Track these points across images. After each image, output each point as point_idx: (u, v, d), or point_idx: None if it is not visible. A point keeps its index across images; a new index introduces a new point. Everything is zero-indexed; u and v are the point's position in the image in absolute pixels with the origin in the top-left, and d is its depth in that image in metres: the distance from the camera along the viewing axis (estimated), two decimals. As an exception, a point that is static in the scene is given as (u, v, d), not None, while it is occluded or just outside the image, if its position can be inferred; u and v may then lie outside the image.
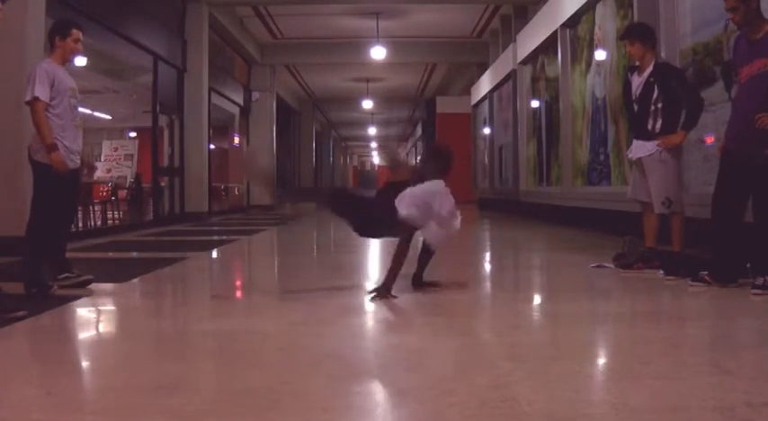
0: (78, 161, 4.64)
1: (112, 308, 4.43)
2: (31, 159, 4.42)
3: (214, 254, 7.61)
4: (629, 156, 5.28)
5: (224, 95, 16.28)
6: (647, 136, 5.01)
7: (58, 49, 4.53)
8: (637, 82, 5.11)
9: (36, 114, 4.32)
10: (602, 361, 2.99)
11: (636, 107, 5.12)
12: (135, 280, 5.19)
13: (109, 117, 19.06)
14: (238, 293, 5.20)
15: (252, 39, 17.52)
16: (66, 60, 4.61)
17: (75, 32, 4.55)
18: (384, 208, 4.19)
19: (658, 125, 4.97)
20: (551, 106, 11.39)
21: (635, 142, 5.19)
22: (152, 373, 2.66)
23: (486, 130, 17.57)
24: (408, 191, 4.20)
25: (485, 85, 17.17)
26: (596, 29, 9.02)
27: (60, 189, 4.43)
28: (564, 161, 10.30)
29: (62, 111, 4.42)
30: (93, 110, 17.56)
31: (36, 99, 4.30)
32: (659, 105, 4.96)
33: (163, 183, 12.67)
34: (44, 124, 4.31)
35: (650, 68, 5.01)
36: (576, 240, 8.31)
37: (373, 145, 53.19)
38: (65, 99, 4.44)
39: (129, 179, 13.41)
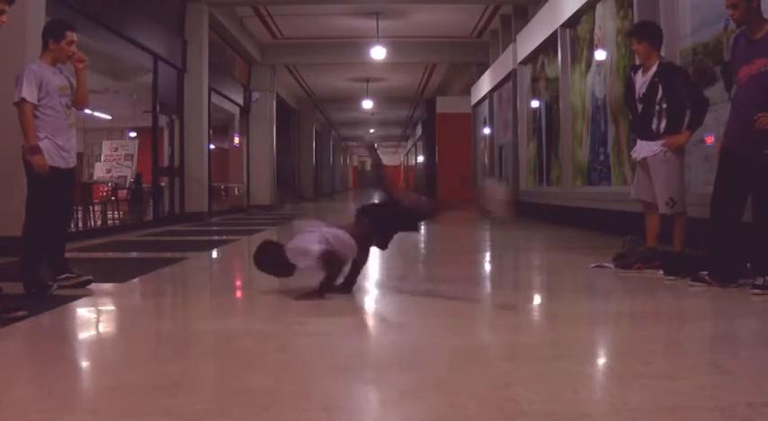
0: (73, 160, 4.63)
1: (112, 308, 4.43)
2: (25, 159, 4.42)
3: (214, 254, 7.61)
4: (633, 156, 5.28)
5: (224, 95, 16.27)
6: (652, 136, 5.01)
7: (51, 52, 4.51)
8: (640, 81, 5.10)
9: (22, 115, 4.31)
10: (602, 361, 2.99)
11: (640, 107, 5.11)
12: (135, 280, 5.19)
13: (109, 117, 19.06)
14: (238, 293, 5.20)
15: (252, 39, 17.52)
16: (59, 62, 4.58)
17: (70, 35, 4.53)
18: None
19: (663, 125, 4.97)
20: (551, 106, 11.38)
21: (639, 142, 5.19)
22: (152, 373, 2.66)
23: (486, 130, 17.57)
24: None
25: (485, 85, 17.17)
26: (596, 29, 9.02)
27: (54, 188, 4.43)
28: (564, 161, 10.30)
29: (53, 110, 4.41)
30: (93, 110, 17.56)
31: (23, 100, 4.29)
32: (664, 105, 4.96)
33: (163, 183, 12.67)
34: (29, 126, 4.30)
35: (655, 68, 5.01)
36: (576, 240, 8.30)
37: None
38: (54, 98, 4.42)
39: (130, 179, 13.40)
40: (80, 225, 9.46)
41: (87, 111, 17.00)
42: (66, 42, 4.51)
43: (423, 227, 4.52)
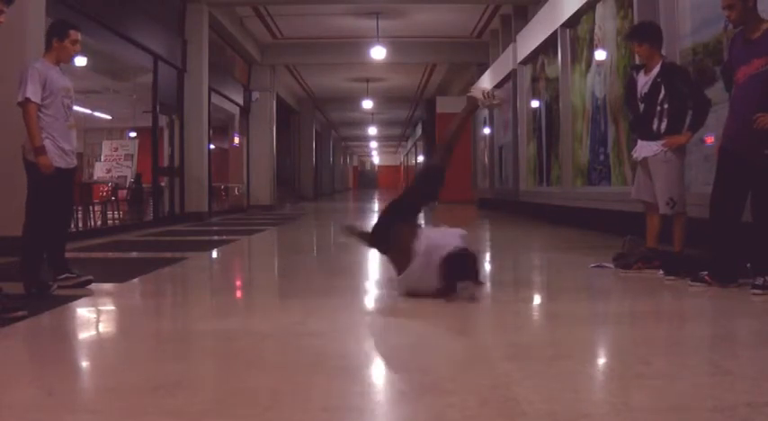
0: (73, 161, 4.63)
1: (112, 308, 4.43)
2: (25, 159, 4.42)
3: (214, 254, 7.61)
4: (634, 156, 5.28)
5: (224, 95, 16.26)
6: (652, 136, 5.01)
7: (55, 51, 4.51)
8: (642, 81, 5.10)
9: (27, 116, 4.31)
10: (602, 361, 2.99)
11: (641, 106, 5.11)
12: (135, 280, 5.19)
13: (109, 117, 19.05)
14: (238, 293, 5.20)
15: (252, 39, 17.51)
16: (63, 61, 4.59)
17: (74, 34, 4.54)
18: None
19: (663, 125, 4.97)
20: (551, 106, 11.38)
21: (639, 142, 5.19)
22: (152, 373, 2.66)
23: (486, 130, 17.57)
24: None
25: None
26: (596, 29, 9.02)
27: (54, 189, 4.43)
28: (564, 161, 10.30)
29: (55, 111, 4.41)
30: (93, 110, 17.58)
31: (28, 100, 4.29)
32: (665, 106, 4.96)
33: (163, 183, 12.67)
34: (34, 126, 4.30)
35: (657, 68, 5.00)
36: (576, 240, 8.31)
37: (373, 144, 53.27)
38: (57, 99, 4.42)
39: (129, 179, 13.40)
40: (80, 225, 9.46)
41: (87, 111, 16.86)
42: (69, 41, 4.51)
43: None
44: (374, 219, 4.63)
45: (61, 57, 4.55)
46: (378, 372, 2.75)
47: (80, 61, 10.91)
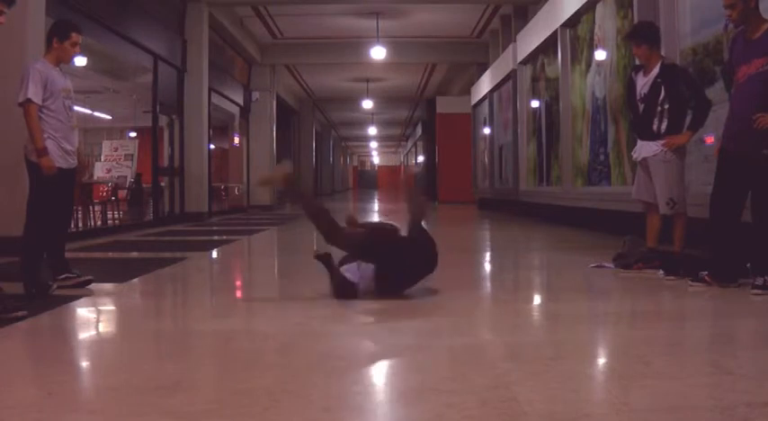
0: (74, 161, 4.63)
1: (112, 308, 4.43)
2: (27, 160, 4.42)
3: (214, 254, 7.61)
4: (634, 156, 5.28)
5: (224, 95, 16.26)
6: (652, 136, 5.01)
7: (55, 51, 4.52)
8: (642, 82, 5.10)
9: (28, 117, 4.31)
10: (602, 361, 2.99)
11: (641, 107, 5.10)
12: (135, 280, 5.19)
13: (109, 117, 19.06)
14: (238, 293, 5.20)
15: (252, 39, 17.51)
16: (62, 62, 4.60)
17: (75, 36, 4.54)
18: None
19: (664, 126, 4.97)
20: (551, 106, 11.38)
21: (639, 143, 5.19)
22: (152, 373, 2.66)
23: (486, 130, 17.57)
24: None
25: (485, 85, 17.16)
26: (596, 29, 9.01)
27: (56, 189, 4.43)
28: (564, 161, 10.29)
29: (57, 111, 4.41)
30: (93, 110, 17.59)
31: (29, 101, 4.29)
32: (665, 106, 4.96)
33: (163, 183, 12.66)
34: (36, 127, 4.30)
35: (657, 69, 5.00)
36: (576, 240, 8.31)
37: (373, 144, 53.29)
38: (58, 99, 4.43)
39: (129, 179, 13.39)
40: (80, 225, 9.46)
41: (87, 111, 16.84)
42: (69, 43, 4.52)
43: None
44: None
45: (61, 57, 4.56)
46: (378, 372, 2.75)
47: (80, 61, 10.92)
